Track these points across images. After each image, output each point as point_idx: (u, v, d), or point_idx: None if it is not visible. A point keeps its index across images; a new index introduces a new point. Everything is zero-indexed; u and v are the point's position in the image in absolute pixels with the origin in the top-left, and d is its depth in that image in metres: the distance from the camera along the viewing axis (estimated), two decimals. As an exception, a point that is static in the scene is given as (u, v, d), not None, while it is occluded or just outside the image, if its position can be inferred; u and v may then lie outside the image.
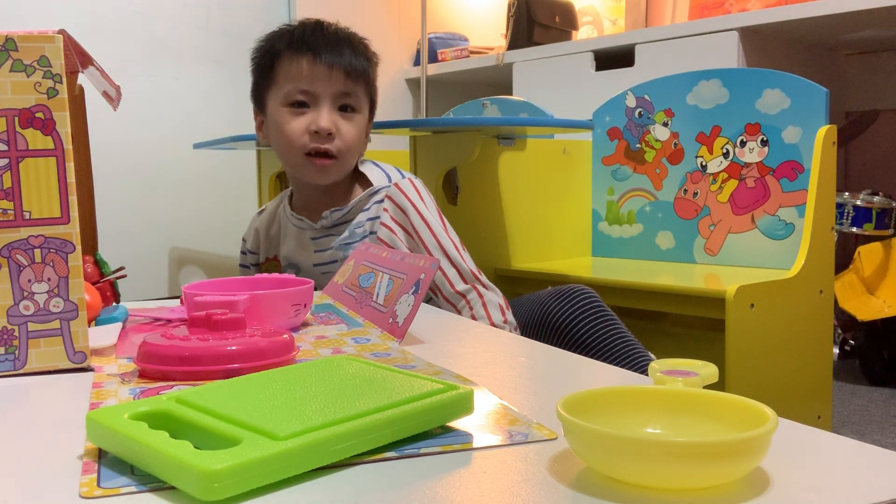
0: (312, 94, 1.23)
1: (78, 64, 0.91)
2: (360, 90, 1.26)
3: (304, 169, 1.26)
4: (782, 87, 1.53)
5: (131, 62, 2.63)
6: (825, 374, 1.49)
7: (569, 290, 1.26)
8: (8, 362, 0.65)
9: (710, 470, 0.38)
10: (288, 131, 1.24)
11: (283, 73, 1.24)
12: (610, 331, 1.21)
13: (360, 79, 1.25)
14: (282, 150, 1.28)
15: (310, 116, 1.23)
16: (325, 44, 1.23)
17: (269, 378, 0.53)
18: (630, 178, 1.79)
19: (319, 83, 1.22)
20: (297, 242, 1.33)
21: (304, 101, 1.23)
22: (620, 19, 2.87)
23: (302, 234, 1.32)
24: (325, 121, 1.22)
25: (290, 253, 1.34)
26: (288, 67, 1.24)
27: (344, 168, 1.27)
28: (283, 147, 1.27)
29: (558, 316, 1.23)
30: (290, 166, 1.29)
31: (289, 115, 1.24)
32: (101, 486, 0.40)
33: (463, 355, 0.72)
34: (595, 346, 1.21)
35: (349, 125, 1.24)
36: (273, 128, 1.27)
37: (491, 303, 1.22)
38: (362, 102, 1.27)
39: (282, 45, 1.25)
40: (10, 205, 0.64)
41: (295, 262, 1.34)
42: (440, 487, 0.40)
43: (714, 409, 0.44)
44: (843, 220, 2.13)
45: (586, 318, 1.22)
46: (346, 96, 1.24)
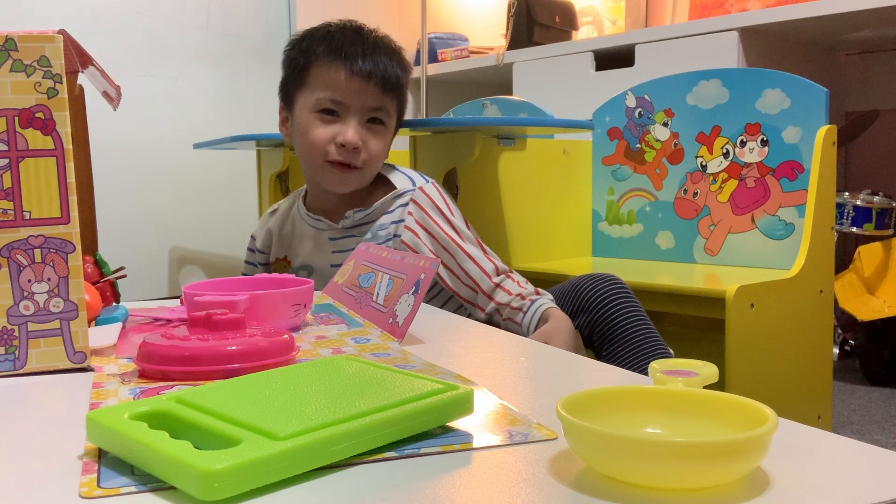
0: (344, 104, 1.22)
1: (78, 64, 0.91)
2: (391, 103, 1.26)
3: (324, 175, 1.25)
4: (782, 87, 1.53)
5: (131, 62, 2.63)
6: (825, 374, 1.49)
7: (603, 274, 1.27)
8: (8, 362, 0.65)
9: (710, 470, 0.38)
10: (313, 138, 1.23)
11: (317, 78, 1.23)
12: (636, 315, 1.22)
13: (393, 91, 1.25)
14: (304, 154, 1.27)
15: (337, 127, 1.22)
16: (362, 53, 1.22)
17: (269, 378, 0.53)
18: (630, 178, 1.79)
19: (353, 95, 1.22)
20: (313, 243, 1.32)
21: (334, 109, 1.23)
22: (620, 19, 2.87)
23: (319, 234, 1.31)
24: (353, 135, 1.21)
25: (305, 254, 1.33)
26: (323, 73, 1.23)
27: (365, 179, 1.27)
28: (305, 151, 1.26)
29: (589, 295, 1.23)
30: (310, 170, 1.29)
31: (317, 122, 1.23)
32: (101, 486, 0.40)
33: (463, 355, 0.72)
34: (620, 326, 1.21)
35: (376, 139, 1.24)
36: (298, 130, 1.26)
37: (524, 282, 1.23)
38: (391, 116, 1.27)
39: (319, 49, 1.24)
40: (10, 205, 0.64)
41: (309, 264, 1.33)
42: (440, 487, 0.40)
43: (714, 409, 0.44)
44: (843, 220, 2.13)
45: (617, 298, 1.22)
46: (376, 110, 1.24)
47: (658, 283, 1.45)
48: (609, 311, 1.22)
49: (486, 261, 1.24)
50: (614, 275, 1.27)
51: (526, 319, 1.18)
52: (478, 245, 1.27)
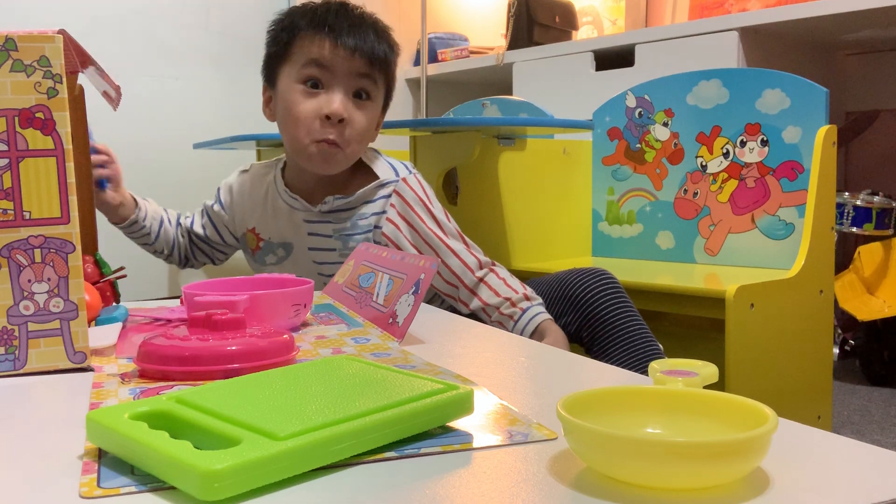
0: (329, 73, 1.18)
1: (78, 64, 0.91)
2: (378, 76, 1.22)
3: (309, 158, 1.21)
4: (782, 87, 1.53)
5: (131, 62, 2.63)
6: (825, 374, 1.49)
7: (591, 269, 1.26)
8: (8, 362, 0.65)
9: (710, 470, 0.38)
10: (298, 112, 1.19)
11: (300, 50, 1.20)
12: (628, 312, 1.22)
13: (380, 65, 1.21)
14: (288, 132, 1.23)
15: (322, 99, 1.19)
16: (348, 25, 1.19)
17: (269, 378, 0.53)
18: (630, 178, 1.79)
19: (338, 63, 1.18)
20: (288, 221, 1.29)
21: (318, 80, 1.19)
22: (620, 19, 2.87)
23: (294, 213, 1.28)
24: (339, 105, 1.18)
25: (281, 231, 1.30)
26: (307, 45, 1.19)
27: (349, 159, 1.24)
28: (289, 128, 1.22)
29: (579, 291, 1.23)
30: (293, 150, 1.24)
31: (301, 95, 1.19)
32: (101, 486, 0.40)
33: (463, 355, 0.72)
34: (611, 323, 1.21)
35: (361, 114, 1.21)
36: (282, 105, 1.22)
37: (510, 279, 1.22)
38: (378, 91, 1.23)
39: (303, 22, 1.20)
40: (10, 205, 0.64)
41: (287, 241, 1.30)
42: (440, 487, 0.40)
43: (714, 409, 0.44)
44: (843, 220, 2.13)
45: (607, 295, 1.22)
46: (363, 79, 1.20)
47: (658, 283, 1.45)
48: (599, 307, 1.22)
49: (469, 255, 1.23)
50: (603, 269, 1.27)
51: (518, 328, 1.17)
52: (460, 239, 1.25)
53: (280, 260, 1.33)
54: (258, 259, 1.35)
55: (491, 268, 1.24)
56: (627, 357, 1.19)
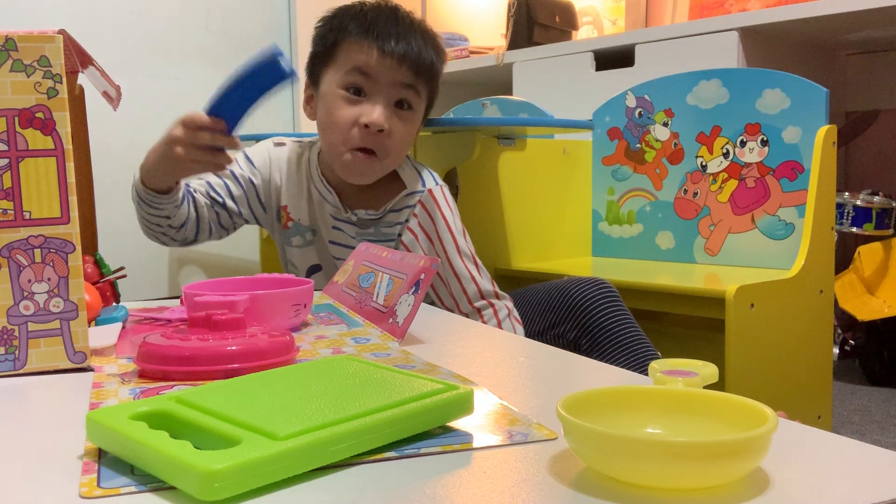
0: (373, 81, 1.17)
1: (78, 64, 0.91)
2: (422, 87, 1.21)
3: (344, 167, 1.20)
4: (782, 87, 1.53)
5: (131, 62, 2.63)
6: (825, 374, 1.49)
7: (591, 279, 1.27)
8: (8, 362, 0.65)
9: (710, 470, 0.38)
10: (337, 118, 1.18)
11: (346, 55, 1.18)
12: (627, 321, 1.23)
13: (425, 75, 1.20)
14: (325, 135, 1.22)
15: (364, 107, 1.17)
16: (396, 33, 1.17)
17: (269, 378, 0.53)
18: (630, 178, 1.79)
19: (383, 72, 1.16)
20: (318, 209, 1.28)
21: (361, 87, 1.17)
22: (620, 19, 2.87)
23: (324, 204, 1.27)
24: (379, 115, 1.16)
25: (310, 215, 1.29)
26: (354, 50, 1.17)
27: (385, 169, 1.23)
28: (327, 132, 1.21)
29: (579, 300, 1.23)
30: (329, 154, 1.23)
31: (342, 101, 1.18)
32: (101, 486, 0.40)
33: (463, 355, 0.72)
34: (610, 331, 1.21)
35: (402, 124, 1.19)
36: (322, 108, 1.21)
37: (505, 322, 1.23)
38: (421, 102, 1.22)
39: (352, 25, 1.18)
40: (10, 205, 0.64)
41: (315, 227, 1.29)
42: (440, 487, 0.40)
43: (714, 409, 0.44)
44: (843, 220, 2.13)
45: (606, 304, 1.23)
46: (406, 89, 1.18)
47: (658, 283, 1.45)
48: (598, 316, 1.23)
49: (472, 284, 1.24)
50: (601, 279, 1.27)
51: None
52: (472, 262, 1.26)
53: (306, 244, 1.31)
54: (286, 237, 1.31)
55: (491, 302, 1.24)
56: (626, 364, 1.19)
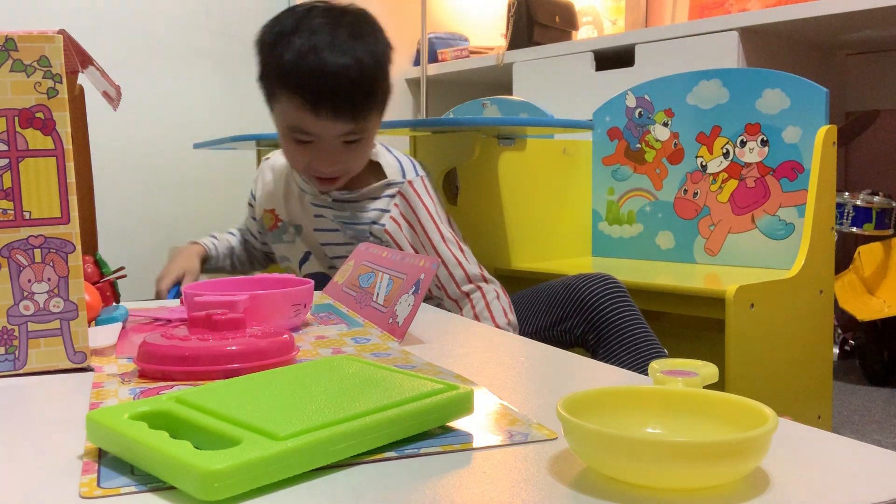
0: (313, 135, 1.17)
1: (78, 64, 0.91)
2: (364, 124, 1.17)
3: (311, 182, 1.28)
4: (782, 87, 1.53)
5: (131, 62, 2.63)
6: (825, 374, 1.49)
7: (598, 274, 1.28)
8: (8, 362, 0.65)
9: (710, 470, 0.38)
10: (291, 159, 1.25)
11: (284, 107, 1.16)
12: (633, 316, 1.23)
13: (366, 119, 1.17)
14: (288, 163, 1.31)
15: (312, 152, 1.18)
16: (324, 88, 1.11)
17: (269, 378, 0.53)
18: (630, 178, 1.79)
19: (322, 130, 1.15)
20: (298, 203, 1.34)
21: (306, 140, 1.18)
22: (620, 19, 2.87)
23: (304, 195, 1.33)
24: (327, 167, 1.19)
25: (292, 213, 1.36)
26: (289, 106, 1.14)
27: (352, 174, 1.26)
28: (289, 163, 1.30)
29: (586, 295, 1.24)
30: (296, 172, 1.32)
31: (291, 143, 1.19)
32: (101, 486, 0.40)
33: (463, 355, 0.72)
34: (617, 327, 1.22)
35: (353, 153, 1.20)
36: (278, 131, 1.22)
37: (493, 304, 1.23)
38: (370, 122, 1.19)
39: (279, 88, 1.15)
40: (10, 205, 0.64)
41: (298, 223, 1.36)
42: (440, 487, 0.40)
43: (714, 409, 0.44)
44: (843, 220, 2.13)
45: (613, 299, 1.24)
46: (349, 134, 1.17)
47: (658, 283, 1.45)
48: (605, 311, 1.23)
49: (458, 268, 1.25)
50: (608, 274, 1.28)
51: None
52: (457, 247, 1.27)
53: (294, 238, 1.38)
54: (275, 237, 1.40)
55: (479, 285, 1.25)
56: (632, 360, 1.19)
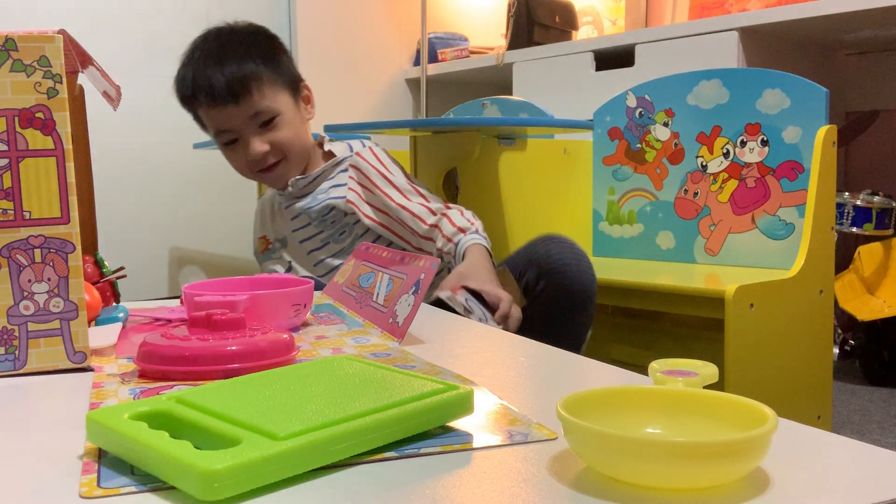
0: (231, 130, 1.30)
1: (78, 64, 0.91)
2: (265, 94, 1.28)
3: (263, 180, 1.38)
4: (782, 87, 1.53)
5: (131, 62, 2.63)
6: (825, 374, 1.49)
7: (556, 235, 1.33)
8: (8, 362, 0.65)
9: (710, 470, 0.38)
10: (232, 164, 1.36)
11: (203, 119, 1.33)
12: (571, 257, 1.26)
13: (253, 91, 1.27)
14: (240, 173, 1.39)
15: (240, 149, 1.31)
16: (206, 87, 1.27)
17: (269, 378, 0.53)
18: (630, 178, 1.79)
19: (227, 121, 1.29)
20: (279, 216, 1.44)
21: (231, 139, 1.31)
22: (620, 19, 2.87)
23: (280, 207, 1.43)
24: (254, 148, 1.30)
25: (278, 229, 1.45)
26: (203, 119, 1.33)
27: (296, 161, 1.35)
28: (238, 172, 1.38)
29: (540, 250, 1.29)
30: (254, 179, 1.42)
31: (227, 152, 1.34)
32: (101, 486, 0.40)
33: (463, 355, 0.72)
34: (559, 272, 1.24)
35: (277, 132, 1.31)
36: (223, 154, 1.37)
37: (458, 219, 1.28)
38: (277, 97, 1.30)
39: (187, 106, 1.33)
40: (10, 205, 0.64)
41: (282, 237, 1.44)
42: (440, 487, 0.40)
43: (714, 409, 0.44)
44: (843, 220, 2.13)
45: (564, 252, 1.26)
46: (257, 116, 1.29)
47: (658, 283, 1.45)
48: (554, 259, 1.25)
49: (419, 206, 1.30)
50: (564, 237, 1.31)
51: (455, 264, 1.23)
52: (416, 194, 1.33)
53: (279, 255, 1.45)
54: (265, 258, 1.48)
55: (443, 213, 1.29)
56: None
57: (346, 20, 2.84)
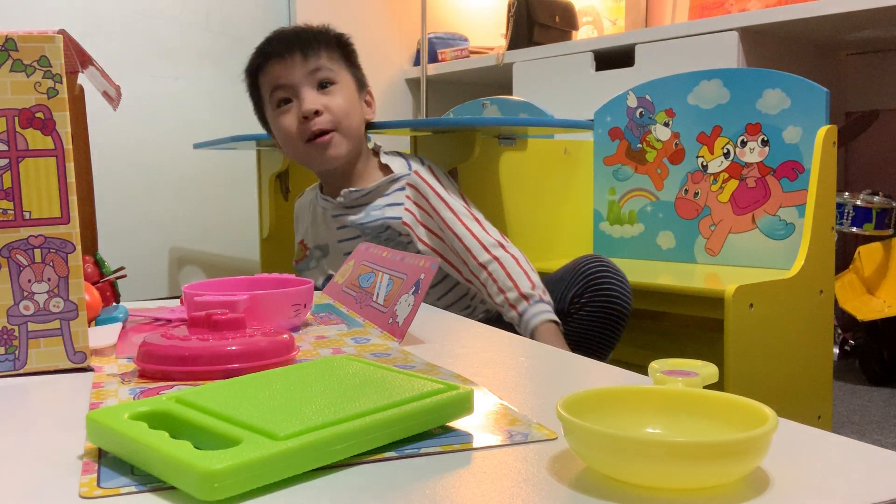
0: (288, 86, 1.31)
1: (78, 64, 0.91)
2: (328, 63, 1.32)
3: (310, 156, 1.33)
4: (782, 87, 1.53)
5: (131, 62, 2.63)
6: (825, 374, 1.49)
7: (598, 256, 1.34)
8: (8, 362, 0.65)
9: (710, 470, 0.38)
10: (282, 128, 1.32)
11: (262, 85, 1.35)
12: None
13: (320, 54, 1.31)
14: (287, 149, 1.37)
15: (295, 107, 1.31)
16: (279, 42, 1.32)
17: (269, 378, 0.53)
18: (631, 178, 1.79)
19: (287, 74, 1.30)
20: (323, 223, 1.41)
21: (285, 97, 1.31)
22: (620, 19, 2.87)
23: (326, 213, 1.40)
24: (308, 103, 1.29)
25: (317, 234, 1.43)
26: (263, 79, 1.34)
27: (348, 139, 1.33)
28: (286, 145, 1.36)
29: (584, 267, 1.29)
30: (299, 160, 1.38)
31: (279, 116, 1.33)
32: (101, 486, 0.40)
33: (463, 355, 0.72)
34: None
35: (333, 98, 1.31)
36: (276, 135, 1.36)
37: (514, 271, 1.23)
38: (339, 73, 1.33)
39: (253, 65, 1.36)
40: (10, 205, 0.64)
41: (322, 244, 1.42)
42: (440, 487, 0.40)
43: (714, 409, 0.44)
44: (843, 220, 2.13)
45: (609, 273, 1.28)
46: (317, 72, 1.31)
47: (658, 283, 1.45)
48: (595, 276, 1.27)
49: (472, 238, 1.28)
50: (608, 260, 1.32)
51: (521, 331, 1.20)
52: (471, 218, 1.31)
53: (318, 260, 1.44)
54: (302, 266, 1.47)
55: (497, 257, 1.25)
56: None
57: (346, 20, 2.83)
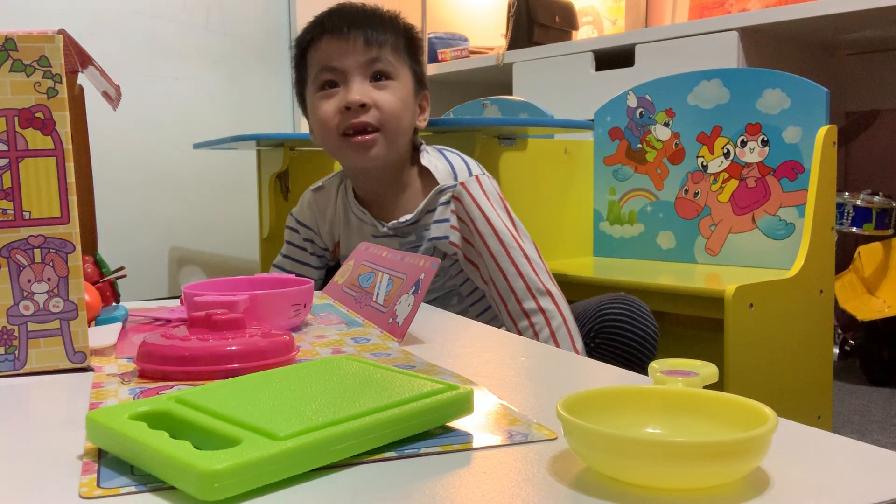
0: (338, 70, 1.15)
1: (78, 64, 0.91)
2: (390, 56, 1.17)
3: (344, 152, 1.18)
4: (782, 87, 1.53)
5: (131, 62, 2.63)
6: (825, 374, 1.49)
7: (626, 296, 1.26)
8: (8, 362, 0.65)
9: (710, 470, 0.38)
10: (321, 114, 1.17)
11: (312, 62, 1.19)
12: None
13: (385, 44, 1.16)
14: (319, 137, 1.21)
15: (340, 94, 1.16)
16: (340, 18, 1.16)
17: (269, 378, 0.53)
18: (631, 178, 1.79)
19: (341, 57, 1.15)
20: (358, 234, 1.26)
21: (332, 80, 1.16)
22: (620, 19, 2.87)
23: (363, 227, 1.25)
24: (355, 93, 1.14)
25: (353, 243, 1.26)
26: (314, 54, 1.18)
27: (390, 143, 1.17)
28: (319, 133, 1.20)
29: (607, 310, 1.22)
30: (330, 152, 1.23)
31: (320, 100, 1.17)
32: (101, 486, 0.40)
33: (463, 355, 0.72)
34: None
35: (385, 94, 1.16)
36: (312, 119, 1.21)
37: (560, 334, 1.13)
38: (399, 69, 1.18)
39: (307, 36, 1.20)
40: (10, 205, 0.64)
41: None
42: (440, 487, 0.40)
43: (714, 409, 0.44)
44: (843, 220, 2.13)
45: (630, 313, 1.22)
46: (375, 63, 1.15)
47: (659, 283, 1.45)
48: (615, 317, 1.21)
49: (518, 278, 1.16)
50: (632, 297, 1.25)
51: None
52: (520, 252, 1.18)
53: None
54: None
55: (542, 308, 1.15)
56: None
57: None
